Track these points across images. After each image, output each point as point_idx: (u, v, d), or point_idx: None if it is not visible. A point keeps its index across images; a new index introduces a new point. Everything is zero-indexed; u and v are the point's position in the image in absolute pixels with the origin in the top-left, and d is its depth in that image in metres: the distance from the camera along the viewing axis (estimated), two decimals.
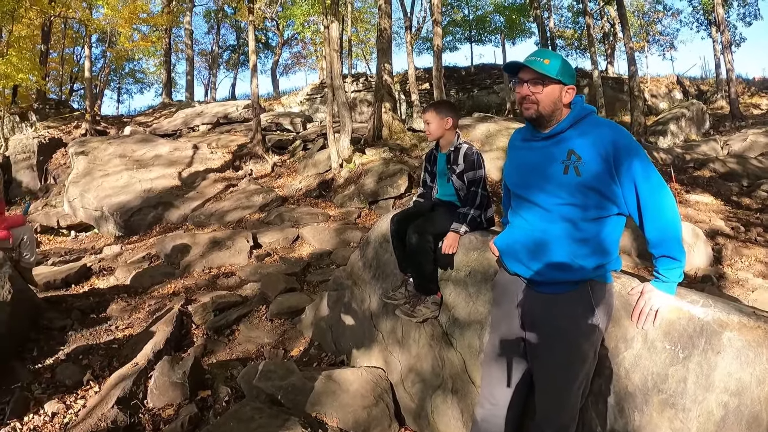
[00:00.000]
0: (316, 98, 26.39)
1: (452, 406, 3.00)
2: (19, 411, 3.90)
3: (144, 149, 15.09)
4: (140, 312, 5.70)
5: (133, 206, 11.55)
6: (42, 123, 23.62)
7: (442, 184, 3.50)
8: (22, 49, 22.75)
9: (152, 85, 46.87)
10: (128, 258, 8.28)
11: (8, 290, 4.74)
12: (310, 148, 15.20)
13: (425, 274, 3.19)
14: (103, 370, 4.44)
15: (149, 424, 3.56)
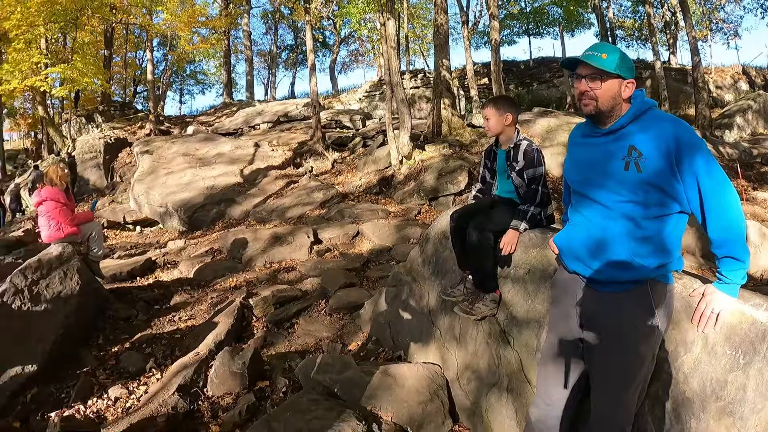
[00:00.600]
0: (375, 95, 26.51)
1: (507, 405, 2.97)
2: (84, 394, 4.12)
3: (206, 148, 15.52)
4: (202, 304, 5.88)
5: (196, 203, 11.93)
6: (107, 124, 24.60)
7: (502, 180, 3.46)
8: (86, 54, 23.86)
9: (213, 85, 48.17)
10: (192, 252, 8.56)
11: (76, 282, 5.02)
12: (370, 145, 15.29)
13: (484, 272, 3.17)
14: (166, 359, 4.63)
15: (208, 411, 3.68)
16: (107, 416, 3.88)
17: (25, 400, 4.14)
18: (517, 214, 3.15)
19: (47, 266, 5.01)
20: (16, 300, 4.63)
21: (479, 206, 3.48)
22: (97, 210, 12.99)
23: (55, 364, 4.50)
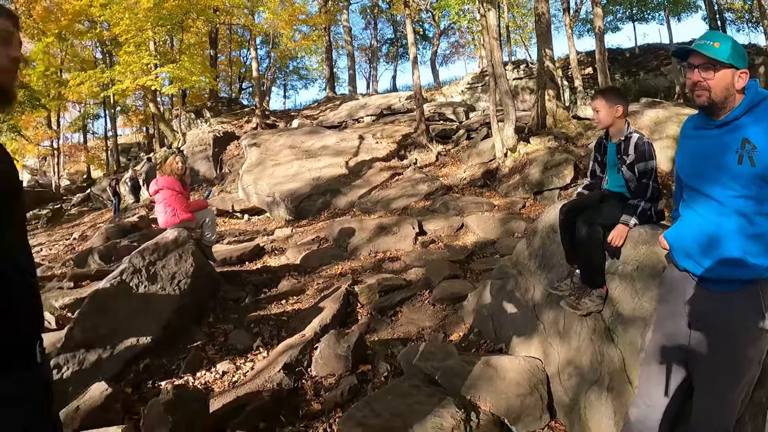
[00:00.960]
0: (477, 87, 26.22)
1: (606, 404, 2.92)
2: (193, 367, 4.47)
3: (312, 140, 15.99)
4: (309, 289, 6.13)
5: (302, 193, 12.35)
6: (215, 119, 25.89)
7: (612, 174, 3.40)
8: (192, 55, 25.30)
9: (315, 80, 49.52)
10: (298, 240, 8.90)
11: (191, 264, 5.43)
12: (474, 138, 15.20)
13: (593, 266, 3.13)
14: (272, 339, 4.90)
15: (311, 390, 3.87)
16: (214, 388, 4.18)
17: (138, 369, 4.54)
18: (627, 208, 3.08)
19: (164, 249, 5.48)
20: (135, 278, 5.13)
21: (589, 200, 3.44)
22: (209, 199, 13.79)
23: (167, 338, 4.88)
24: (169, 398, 3.27)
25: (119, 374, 4.49)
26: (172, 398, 3.26)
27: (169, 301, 5.09)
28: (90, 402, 3.70)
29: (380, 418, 3.01)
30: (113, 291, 5.00)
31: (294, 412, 3.64)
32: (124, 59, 23.38)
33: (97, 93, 27.84)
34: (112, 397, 3.78)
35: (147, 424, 3.19)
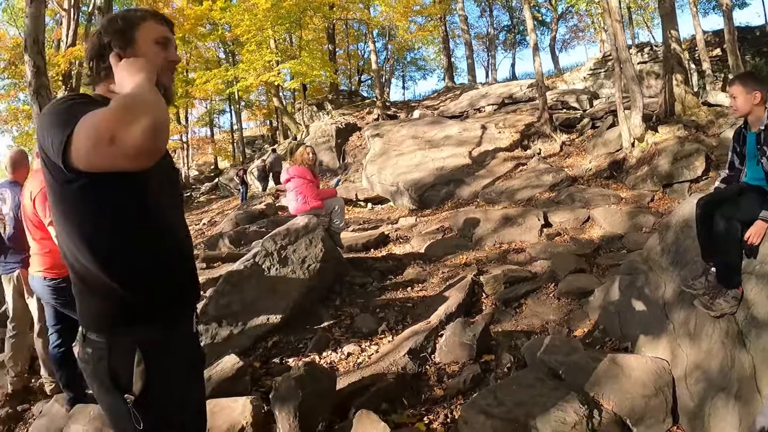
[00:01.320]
0: (600, 73, 24.97)
1: (732, 412, 2.78)
2: (320, 347, 4.72)
3: (434, 130, 16.07)
4: (434, 277, 6.22)
5: (426, 182, 12.44)
6: (337, 111, 26.67)
7: (752, 166, 3.21)
8: (312, 50, 26.27)
9: (434, 70, 49.67)
10: (422, 229, 9.02)
11: (320, 249, 5.72)
12: (599, 127, 14.58)
13: (730, 265, 2.99)
14: (397, 324, 5.04)
15: (434, 376, 3.96)
16: (339, 368, 4.38)
17: (267, 346, 4.87)
18: (767, 204, 2.93)
19: (294, 234, 5.80)
20: (267, 261, 5.49)
21: (727, 193, 3.28)
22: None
23: (295, 318, 5.19)
24: (300, 373, 3.49)
25: (249, 349, 4.86)
26: (303, 374, 3.48)
27: (298, 284, 5.41)
28: (221, 373, 4.02)
29: (503, 408, 3.06)
30: (246, 272, 5.42)
31: (416, 395, 3.76)
32: (246, 57, 24.82)
33: (222, 90, 29.64)
34: (242, 369, 4.08)
35: (277, 396, 3.42)
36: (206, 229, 16.63)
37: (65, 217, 1.57)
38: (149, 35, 1.70)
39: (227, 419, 3.33)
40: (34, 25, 8.40)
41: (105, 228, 1.56)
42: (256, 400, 3.50)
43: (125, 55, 1.64)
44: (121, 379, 1.56)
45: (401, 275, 6.46)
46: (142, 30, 1.69)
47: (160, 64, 1.70)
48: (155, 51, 1.70)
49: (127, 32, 1.68)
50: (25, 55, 8.62)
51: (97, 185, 1.48)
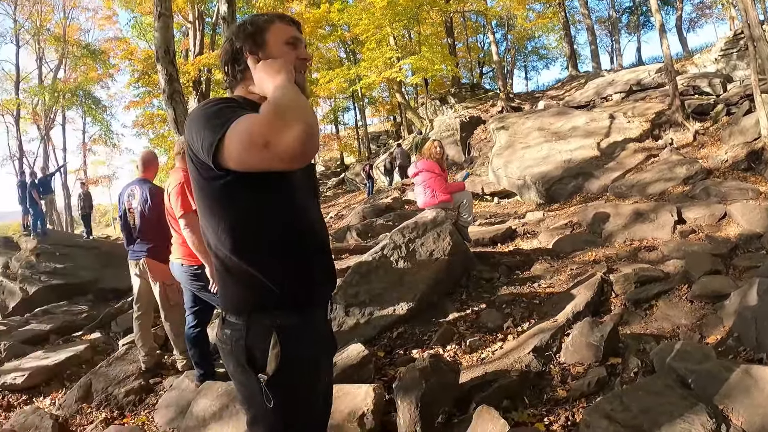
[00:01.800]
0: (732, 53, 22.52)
1: None
2: (444, 340, 4.75)
3: (560, 121, 15.56)
4: (561, 274, 6.04)
5: (553, 176, 12.14)
6: (460, 104, 26.61)
7: None
8: (431, 45, 26.36)
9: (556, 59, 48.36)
10: (550, 224, 8.80)
11: (448, 243, 5.74)
12: (734, 113, 13.38)
13: None
14: (523, 321, 4.96)
15: (558, 376, 3.86)
16: (462, 362, 4.38)
17: (392, 336, 4.98)
18: None
19: (422, 228, 5.88)
20: (395, 253, 5.63)
21: None
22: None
23: (421, 311, 5.26)
24: (425, 365, 3.55)
25: (374, 339, 5.02)
26: (428, 365, 3.53)
27: (425, 276, 5.48)
28: (346, 360, 4.17)
29: (628, 414, 2.93)
30: (375, 263, 5.60)
31: (538, 395, 3.69)
32: (367, 56, 25.46)
33: (345, 88, 30.78)
34: (367, 358, 4.21)
35: (401, 386, 3.49)
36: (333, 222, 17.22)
37: (211, 211, 1.71)
38: (279, 37, 1.80)
39: (349, 404, 3.46)
40: (163, 38, 9.09)
41: (248, 221, 1.69)
42: (378, 388, 3.60)
43: (257, 58, 1.76)
44: (256, 360, 1.68)
45: (528, 271, 6.34)
46: (271, 32, 1.80)
47: (293, 64, 1.78)
48: (286, 51, 1.80)
49: (258, 36, 1.79)
50: (157, 64, 9.35)
51: (243, 181, 1.59)
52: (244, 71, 1.81)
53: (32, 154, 36.41)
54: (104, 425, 4.89)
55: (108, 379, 5.59)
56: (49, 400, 5.93)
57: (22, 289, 12.75)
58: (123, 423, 4.88)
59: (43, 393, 6.16)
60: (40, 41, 34.31)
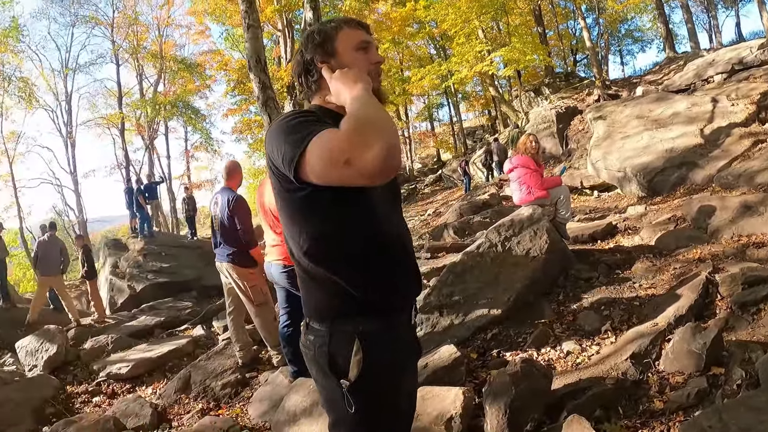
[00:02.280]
0: None
1: None
2: (539, 343, 4.57)
3: (660, 108, 14.74)
4: (664, 274, 5.65)
5: (655, 167, 11.44)
6: (555, 95, 25.92)
7: None
8: (521, 35, 25.83)
9: (651, 41, 46.30)
10: (652, 219, 8.33)
11: (545, 241, 5.54)
12: None
13: None
14: (622, 324, 4.66)
15: (656, 385, 3.58)
16: (557, 367, 4.20)
17: (485, 338, 4.84)
18: None
19: (519, 225, 5.71)
20: (490, 252, 5.48)
21: None
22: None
23: (516, 311, 5.08)
24: (515, 369, 3.44)
25: (467, 340, 4.89)
26: (519, 370, 3.42)
27: (521, 276, 5.31)
28: (438, 361, 4.10)
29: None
30: (470, 263, 5.48)
31: (634, 405, 3.46)
32: (457, 51, 25.33)
33: (437, 84, 30.85)
34: (459, 360, 4.12)
35: (490, 391, 3.40)
36: (431, 220, 17.28)
37: (292, 221, 1.74)
38: (348, 43, 1.78)
39: (437, 407, 3.40)
40: (254, 48, 9.37)
41: (329, 233, 1.69)
42: (468, 391, 3.52)
43: (329, 67, 1.76)
44: (339, 366, 1.68)
45: (629, 270, 5.97)
46: (340, 40, 1.78)
47: (366, 70, 1.76)
48: (357, 57, 1.78)
49: (327, 45, 1.78)
50: (250, 73, 9.65)
51: (323, 195, 1.60)
52: (318, 81, 1.81)
53: (138, 162, 38.69)
54: (200, 415, 5.16)
55: (206, 372, 5.88)
56: (150, 390, 6.33)
57: (129, 287, 13.63)
58: (218, 414, 5.12)
59: (145, 383, 6.60)
60: (138, 59, 36.63)
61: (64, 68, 36.74)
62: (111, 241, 17.99)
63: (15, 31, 26.36)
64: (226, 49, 34.97)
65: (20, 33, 27.49)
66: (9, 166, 34.47)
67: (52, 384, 6.59)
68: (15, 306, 13.13)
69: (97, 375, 6.92)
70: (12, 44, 27.40)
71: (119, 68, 37.35)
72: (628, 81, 27.21)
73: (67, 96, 37.20)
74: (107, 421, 4.38)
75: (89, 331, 9.47)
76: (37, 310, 11.22)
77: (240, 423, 4.71)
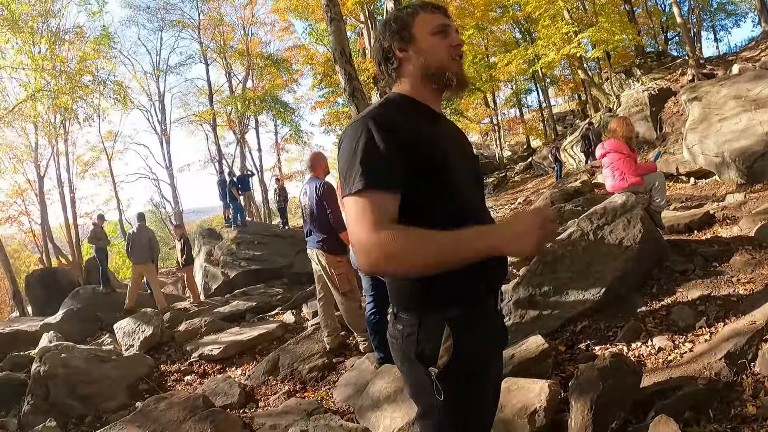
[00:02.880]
0: None
1: None
2: (629, 337, 4.40)
3: (759, 87, 13.70)
4: (764, 268, 5.27)
5: (755, 151, 10.65)
6: (647, 76, 24.71)
7: None
8: (608, 14, 24.64)
9: (746, 14, 42.74)
10: (752, 207, 7.82)
11: (639, 230, 5.28)
12: None
13: None
14: (717, 321, 4.41)
15: (750, 388, 3.35)
16: (647, 363, 4.03)
17: (574, 330, 4.74)
18: None
19: (611, 213, 5.51)
20: (582, 242, 5.32)
21: None
22: None
23: (607, 304, 4.92)
24: (604, 364, 3.33)
25: (555, 331, 4.81)
26: (608, 365, 3.32)
27: (614, 267, 5.12)
28: (525, 352, 4.06)
29: None
30: (560, 252, 5.34)
31: (725, 409, 3.26)
32: (543, 33, 24.60)
33: (524, 69, 30.23)
34: (546, 352, 4.07)
35: (577, 385, 3.33)
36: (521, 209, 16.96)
37: None
38: (425, 28, 1.76)
39: (522, 399, 3.38)
40: (337, 40, 9.50)
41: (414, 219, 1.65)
42: (554, 384, 3.47)
43: (407, 55, 1.76)
44: (427, 354, 1.68)
45: (727, 263, 5.58)
46: (417, 25, 1.76)
47: (446, 55, 1.76)
48: (436, 42, 1.76)
49: (403, 32, 1.77)
50: (336, 65, 9.84)
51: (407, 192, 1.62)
52: (398, 69, 1.80)
53: (230, 156, 40.36)
54: (286, 397, 5.37)
55: (294, 355, 6.11)
56: (240, 371, 6.64)
57: (223, 273, 14.24)
58: (304, 396, 5.31)
59: (235, 364, 6.92)
60: (226, 58, 38.01)
61: (155, 70, 38.92)
62: (206, 231, 18.80)
63: (106, 39, 27.77)
64: (310, 44, 35.69)
65: (111, 40, 29.05)
66: (108, 163, 37.08)
67: (146, 363, 7.08)
68: (115, 291, 14.14)
69: (190, 356, 7.34)
70: (105, 51, 28.93)
71: (208, 67, 38.97)
72: (723, 59, 25.51)
73: (160, 96, 39.38)
74: (197, 398, 4.60)
75: (184, 315, 10.01)
76: (134, 296, 11.86)
77: (324, 406, 4.84)
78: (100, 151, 36.52)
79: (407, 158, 1.58)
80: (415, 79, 1.78)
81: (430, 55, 1.75)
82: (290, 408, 4.73)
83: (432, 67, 1.75)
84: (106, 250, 14.65)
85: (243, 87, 38.72)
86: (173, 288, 16.44)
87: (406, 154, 1.58)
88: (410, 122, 1.67)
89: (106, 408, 5.98)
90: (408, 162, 1.58)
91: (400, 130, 1.61)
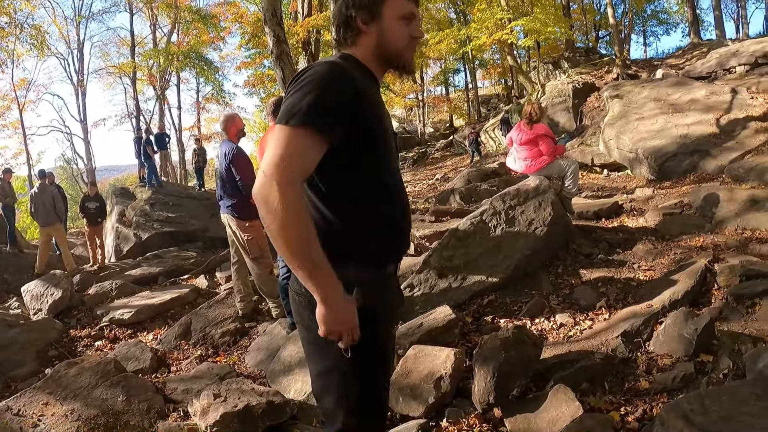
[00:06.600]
0: None
1: None
2: (533, 312, 4.70)
3: (678, 93, 14.56)
4: (664, 258, 5.69)
5: (667, 151, 11.33)
6: (574, 69, 25.60)
7: None
8: (545, 6, 25.25)
9: (677, 25, 45.52)
10: (659, 202, 8.31)
11: (549, 213, 5.57)
12: None
13: None
14: (617, 302, 4.74)
15: (643, 365, 3.66)
16: (548, 337, 4.31)
17: (482, 303, 4.96)
18: None
19: (524, 195, 5.75)
20: (493, 220, 5.56)
21: None
22: (567, 150, 13.57)
23: (514, 280, 5.19)
24: (507, 336, 3.50)
25: (463, 304, 5.01)
26: (510, 336, 3.49)
27: (523, 246, 5.37)
28: (433, 322, 4.20)
29: (706, 418, 2.67)
30: (472, 228, 5.54)
31: (620, 382, 3.54)
32: (477, 16, 24.90)
33: (455, 49, 30.46)
34: (453, 322, 4.23)
35: (480, 354, 3.49)
36: (439, 185, 17.34)
37: None
38: (396, 11, 1.77)
39: (429, 366, 3.52)
40: (269, 0, 9.27)
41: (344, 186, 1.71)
42: (460, 353, 3.63)
43: (369, 29, 1.78)
44: None
45: (630, 250, 6.00)
46: (389, 4, 1.77)
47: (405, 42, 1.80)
48: (400, 28, 1.78)
49: (374, 7, 1.77)
50: (265, 27, 9.56)
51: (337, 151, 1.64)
52: (356, 37, 1.80)
53: (148, 112, 38.87)
54: (198, 361, 5.31)
55: (207, 320, 6.03)
56: (151, 336, 6.49)
57: (135, 235, 13.73)
58: (216, 361, 5.27)
59: (146, 329, 6.76)
60: (152, 8, 36.19)
61: (77, 16, 36.59)
62: (119, 190, 18.03)
63: None
64: (241, 2, 34.48)
65: None
66: (19, 113, 34.89)
67: (55, 327, 6.76)
68: (22, 251, 13.21)
69: (100, 320, 7.07)
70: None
71: (133, 17, 37.12)
72: (649, 63, 26.77)
73: (80, 44, 37.22)
74: (108, 363, 4.48)
75: (94, 277, 9.63)
76: (44, 260, 11.28)
77: (237, 370, 4.85)
78: (12, 99, 34.38)
79: (354, 114, 1.62)
80: (369, 52, 1.80)
81: (391, 39, 1.78)
82: (202, 372, 4.71)
83: (389, 50, 1.79)
84: (13, 207, 13.61)
85: (167, 41, 37.04)
86: (83, 249, 15.71)
87: (355, 110, 1.62)
88: (363, 83, 1.70)
89: (14, 375, 5.67)
90: (352, 119, 1.62)
91: (356, 87, 1.64)
